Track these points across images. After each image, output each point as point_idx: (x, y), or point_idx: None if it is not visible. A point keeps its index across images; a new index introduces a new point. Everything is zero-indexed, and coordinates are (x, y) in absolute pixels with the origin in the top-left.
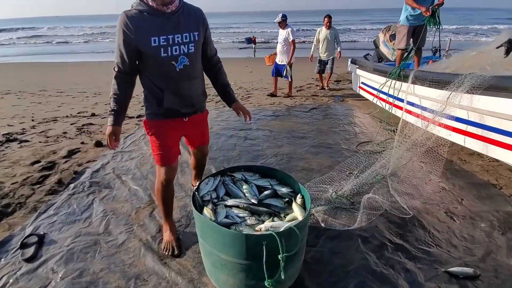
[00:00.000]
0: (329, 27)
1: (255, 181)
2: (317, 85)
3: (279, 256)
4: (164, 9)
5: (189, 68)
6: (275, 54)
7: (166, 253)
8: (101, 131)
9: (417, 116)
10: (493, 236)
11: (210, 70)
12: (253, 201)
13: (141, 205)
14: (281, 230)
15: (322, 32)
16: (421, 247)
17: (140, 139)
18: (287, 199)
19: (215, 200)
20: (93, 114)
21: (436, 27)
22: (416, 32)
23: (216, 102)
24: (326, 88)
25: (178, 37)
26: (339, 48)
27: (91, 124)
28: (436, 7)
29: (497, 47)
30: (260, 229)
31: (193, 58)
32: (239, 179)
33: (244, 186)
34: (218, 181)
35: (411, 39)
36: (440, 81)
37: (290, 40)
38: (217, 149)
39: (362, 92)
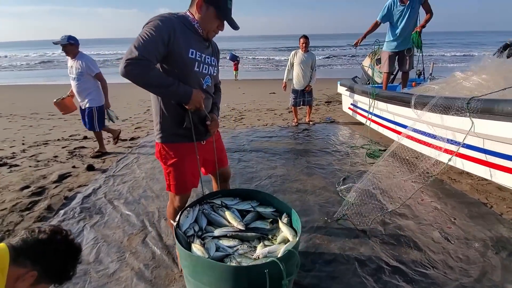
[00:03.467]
0: (306, 49)
1: (236, 206)
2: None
3: (283, 282)
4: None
5: (210, 88)
6: (71, 96)
7: None
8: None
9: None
10: (488, 256)
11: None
12: (240, 227)
13: (133, 231)
14: (281, 254)
15: (298, 55)
16: (417, 269)
17: (132, 162)
18: (271, 219)
19: (200, 233)
20: (85, 137)
21: (418, 50)
22: (400, 57)
23: None
24: (310, 124)
25: (208, 58)
26: (311, 81)
27: (83, 147)
28: (418, 30)
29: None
30: (258, 257)
31: (214, 80)
32: (220, 206)
33: (227, 213)
34: (198, 211)
35: (396, 63)
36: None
37: (93, 74)
38: None
39: (351, 113)
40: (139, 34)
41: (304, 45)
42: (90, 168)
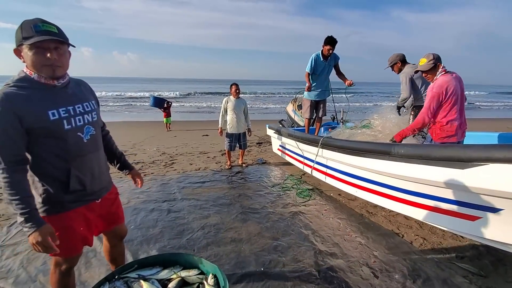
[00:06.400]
0: (237, 96)
1: (155, 276)
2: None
3: None
4: (55, 83)
5: (95, 137)
6: None
7: None
8: None
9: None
10: (407, 286)
11: (103, 140)
12: None
13: None
14: None
15: (230, 101)
16: None
17: None
18: (197, 284)
19: None
20: None
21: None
22: (318, 105)
23: None
24: (244, 166)
25: (79, 107)
26: (248, 124)
27: None
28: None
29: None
30: None
31: (97, 126)
32: (135, 279)
33: (144, 286)
34: None
35: (315, 110)
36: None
37: None
38: (134, 227)
39: (280, 154)
40: None
41: (236, 92)
42: None
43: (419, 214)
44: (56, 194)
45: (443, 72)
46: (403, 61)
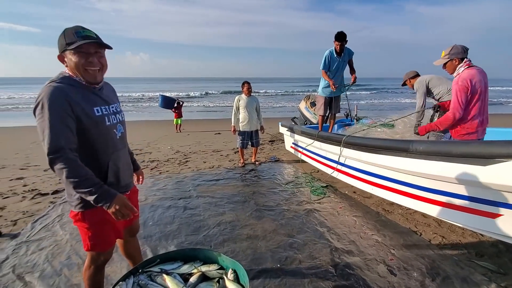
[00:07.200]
0: (249, 94)
1: (177, 270)
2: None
3: None
4: (94, 86)
5: (124, 135)
6: None
7: None
8: (1, 216)
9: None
10: (426, 284)
11: None
12: None
13: None
14: None
15: (242, 99)
16: None
17: (54, 222)
18: (217, 278)
19: None
20: None
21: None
22: (332, 101)
23: (151, 169)
24: (257, 164)
25: (112, 107)
26: (260, 122)
27: None
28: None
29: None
30: None
31: (125, 126)
32: (158, 273)
33: (167, 279)
34: (132, 284)
35: (328, 106)
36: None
37: None
38: (153, 224)
39: (293, 151)
40: (43, 125)
41: (248, 90)
42: None
43: (438, 212)
44: None
45: (467, 66)
46: (414, 76)
